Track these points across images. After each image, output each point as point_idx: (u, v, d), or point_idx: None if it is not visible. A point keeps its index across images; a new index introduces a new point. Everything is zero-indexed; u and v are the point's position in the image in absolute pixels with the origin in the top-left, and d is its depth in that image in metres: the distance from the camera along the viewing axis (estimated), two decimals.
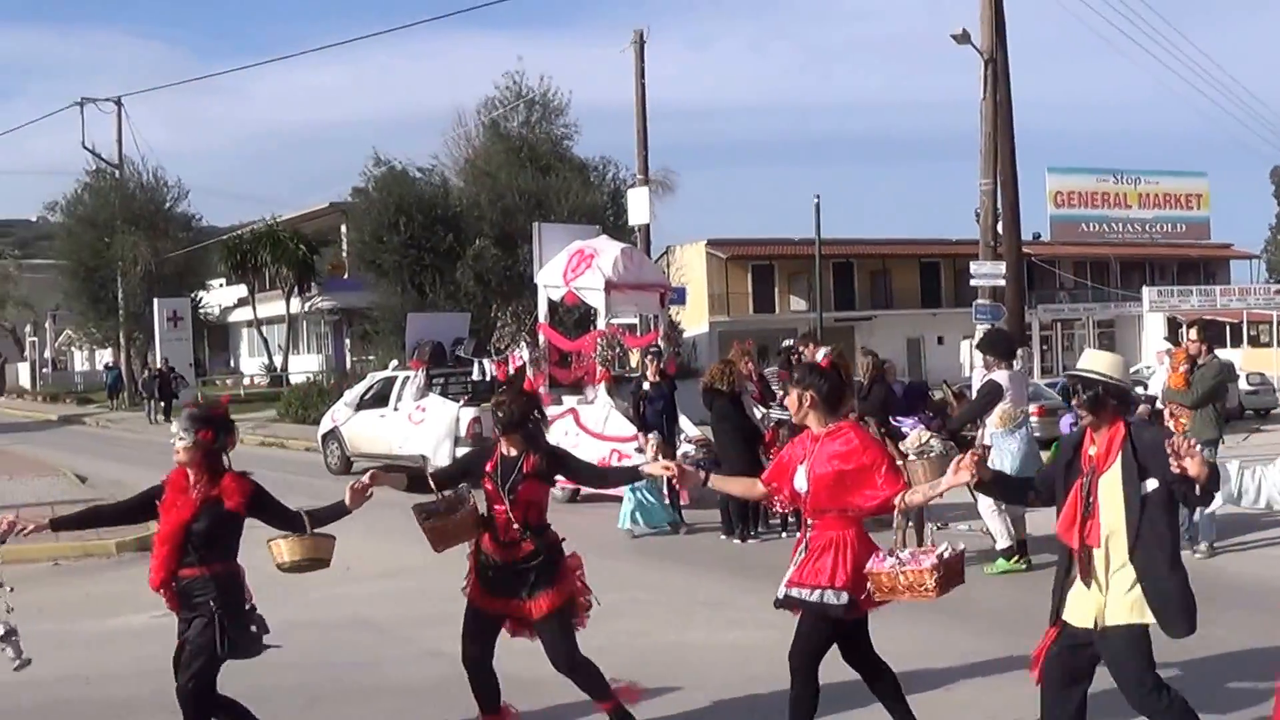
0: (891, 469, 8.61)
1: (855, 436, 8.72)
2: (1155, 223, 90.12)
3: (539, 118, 55.31)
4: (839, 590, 8.55)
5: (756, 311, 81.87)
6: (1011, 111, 31.91)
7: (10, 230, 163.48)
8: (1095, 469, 7.98)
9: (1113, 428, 8.00)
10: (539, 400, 9.99)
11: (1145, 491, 7.80)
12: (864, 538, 8.67)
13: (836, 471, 8.57)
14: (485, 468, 9.52)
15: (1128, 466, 7.87)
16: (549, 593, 9.38)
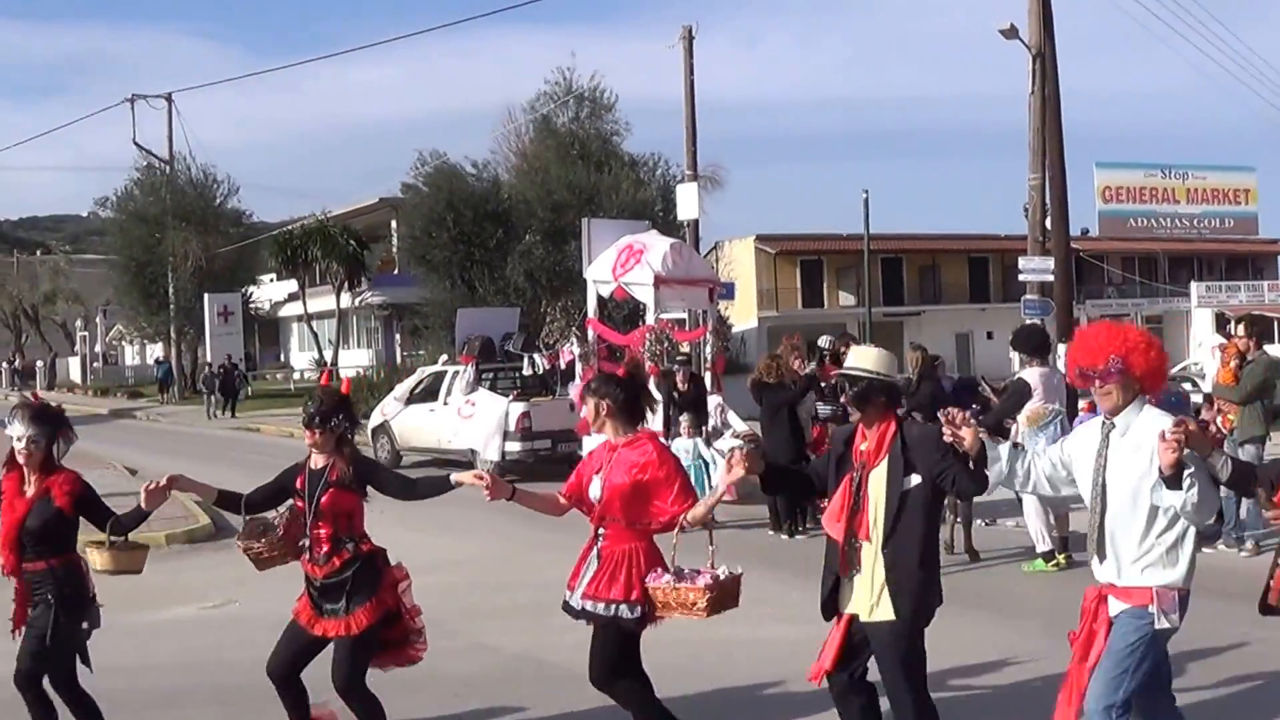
0: (684, 486, 8.63)
1: (653, 448, 8.76)
2: (1203, 218, 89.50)
3: (588, 114, 55.36)
4: (633, 604, 8.64)
5: (805, 306, 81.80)
6: (1060, 106, 31.77)
7: (61, 225, 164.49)
8: (865, 464, 8.09)
9: (883, 424, 8.11)
10: (349, 405, 9.79)
11: (907, 487, 7.93)
12: (653, 550, 8.74)
13: (633, 482, 8.61)
14: (296, 484, 9.39)
15: (894, 462, 7.99)
16: (361, 610, 9.17)
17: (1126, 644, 7.35)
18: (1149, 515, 7.34)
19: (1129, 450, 7.39)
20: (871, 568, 8.07)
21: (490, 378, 30.68)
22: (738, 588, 8.74)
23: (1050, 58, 31.27)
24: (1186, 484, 6.99)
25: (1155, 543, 7.36)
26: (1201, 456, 7.13)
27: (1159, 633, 7.36)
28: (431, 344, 52.89)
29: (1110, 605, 7.49)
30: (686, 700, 10.57)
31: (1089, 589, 7.68)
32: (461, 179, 52.82)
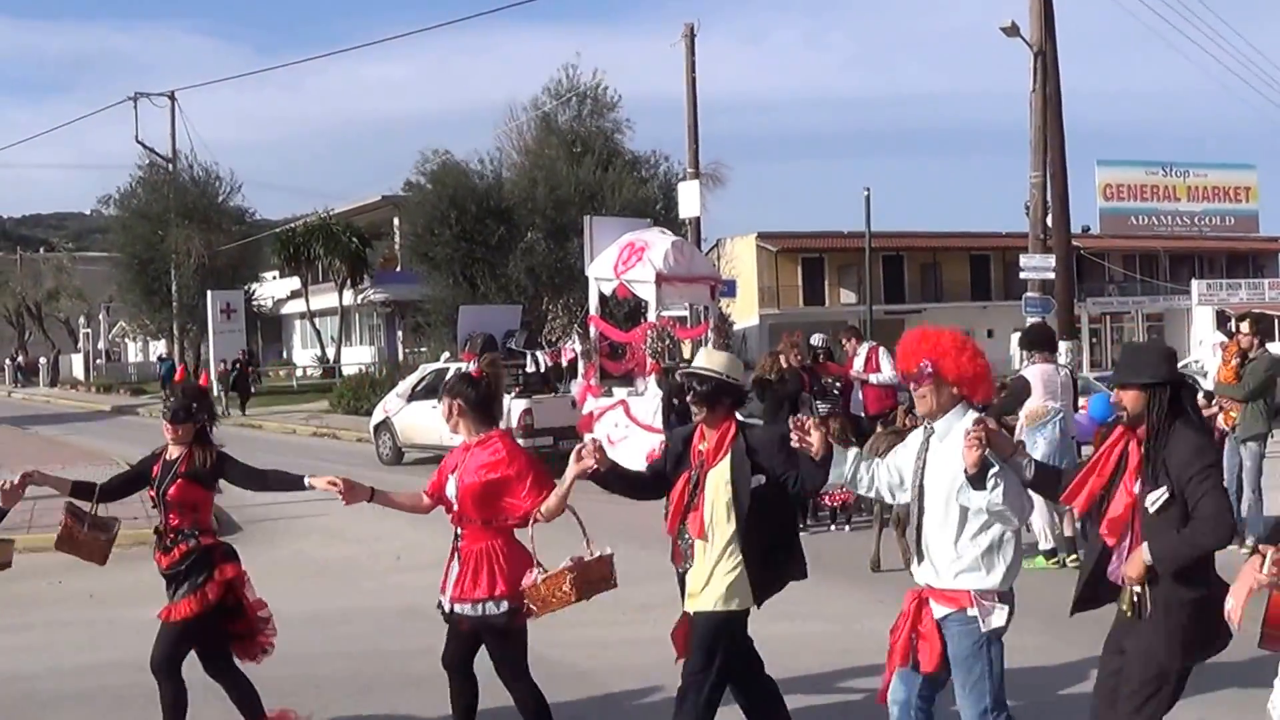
0: (537, 481, 8.66)
1: (503, 447, 8.79)
2: (1204, 216, 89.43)
3: (590, 111, 55.39)
4: (499, 599, 8.64)
5: (806, 304, 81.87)
6: (1061, 104, 31.81)
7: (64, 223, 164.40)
8: (704, 464, 8.25)
9: (724, 425, 8.29)
10: (208, 398, 10.00)
11: (754, 486, 8.12)
12: (513, 546, 8.77)
13: (484, 481, 8.65)
14: (152, 473, 9.62)
15: (738, 463, 8.16)
16: (184, 600, 9.41)
17: (967, 651, 7.53)
18: (960, 519, 7.50)
19: (947, 454, 7.51)
20: (704, 563, 8.29)
21: None
22: (606, 568, 8.70)
23: (1051, 55, 31.32)
24: (990, 484, 7.17)
25: (970, 545, 7.51)
26: (1003, 457, 7.31)
27: (991, 632, 7.51)
28: (434, 341, 52.96)
29: (933, 608, 7.67)
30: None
31: (910, 591, 7.87)
32: (464, 176, 52.84)
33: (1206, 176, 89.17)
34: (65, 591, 16.04)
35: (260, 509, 22.10)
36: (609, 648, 12.26)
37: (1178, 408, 7.11)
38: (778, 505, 8.37)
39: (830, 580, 15.87)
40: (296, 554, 17.36)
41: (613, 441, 24.44)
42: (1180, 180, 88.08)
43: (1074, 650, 11.11)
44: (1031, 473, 7.47)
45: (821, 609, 14.24)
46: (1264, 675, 6.99)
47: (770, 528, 8.31)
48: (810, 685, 10.84)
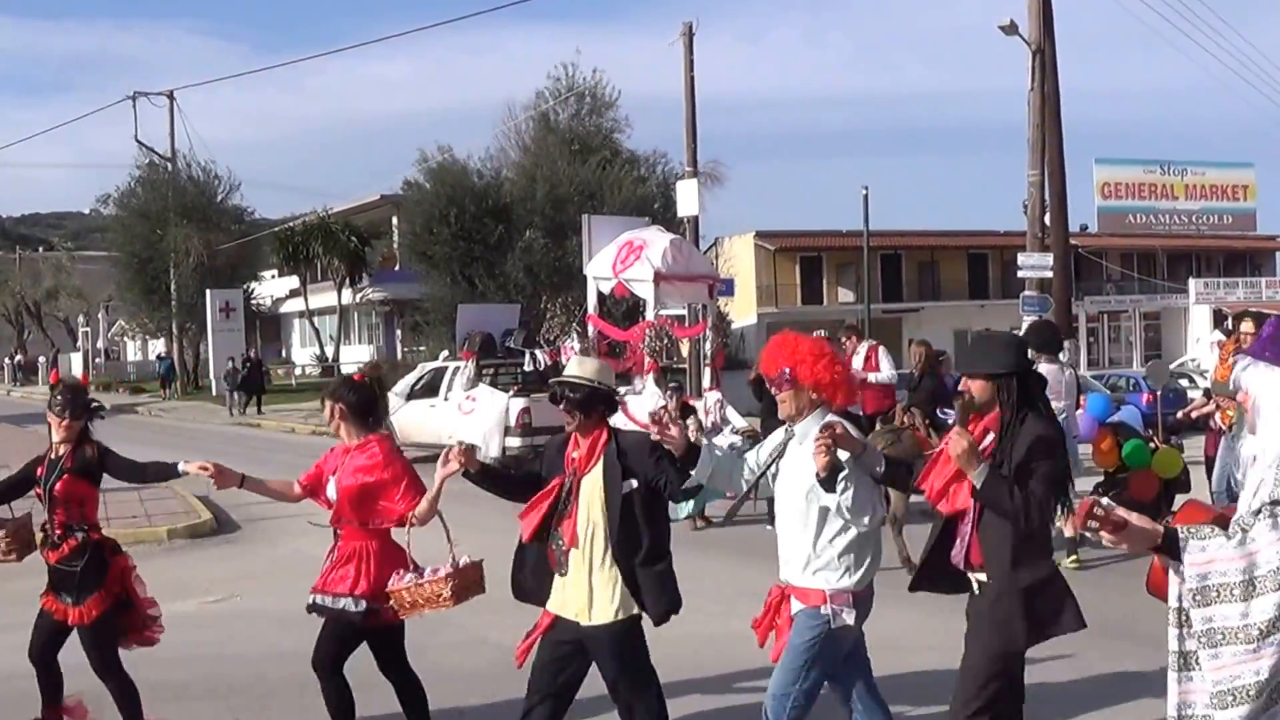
0: (411, 485, 8.90)
1: (379, 451, 9.03)
2: (1202, 214, 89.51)
3: (589, 110, 55.41)
4: (358, 598, 8.85)
5: (804, 303, 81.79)
6: (1059, 102, 31.85)
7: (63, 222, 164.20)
8: (578, 470, 8.32)
9: (597, 431, 8.36)
10: (86, 392, 10.12)
11: (626, 491, 8.19)
12: (388, 548, 8.99)
13: (360, 485, 8.88)
14: (37, 473, 9.72)
15: (610, 468, 8.24)
16: (90, 600, 9.52)
17: (803, 641, 7.79)
18: (819, 519, 7.70)
19: (804, 456, 7.65)
20: (581, 573, 8.36)
21: (491, 374, 30.77)
22: (479, 574, 9.06)
23: (1050, 54, 31.38)
24: (840, 486, 7.39)
25: (827, 546, 7.73)
26: (853, 457, 7.47)
27: (838, 631, 7.78)
28: (432, 340, 53.01)
29: (791, 604, 7.92)
30: (690, 696, 10.67)
31: (774, 586, 8.14)
32: (463, 175, 52.87)
33: (1204, 175, 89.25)
34: None
35: (259, 508, 22.12)
36: None
37: (1028, 397, 7.37)
38: (653, 509, 8.42)
39: None
40: (295, 552, 17.38)
41: None
42: (1178, 179, 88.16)
43: (1073, 646, 11.14)
44: (883, 470, 7.68)
45: None
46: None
47: (648, 531, 8.36)
48: None
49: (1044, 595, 7.34)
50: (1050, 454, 7.29)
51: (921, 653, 11.51)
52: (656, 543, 8.36)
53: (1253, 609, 5.17)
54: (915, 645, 11.85)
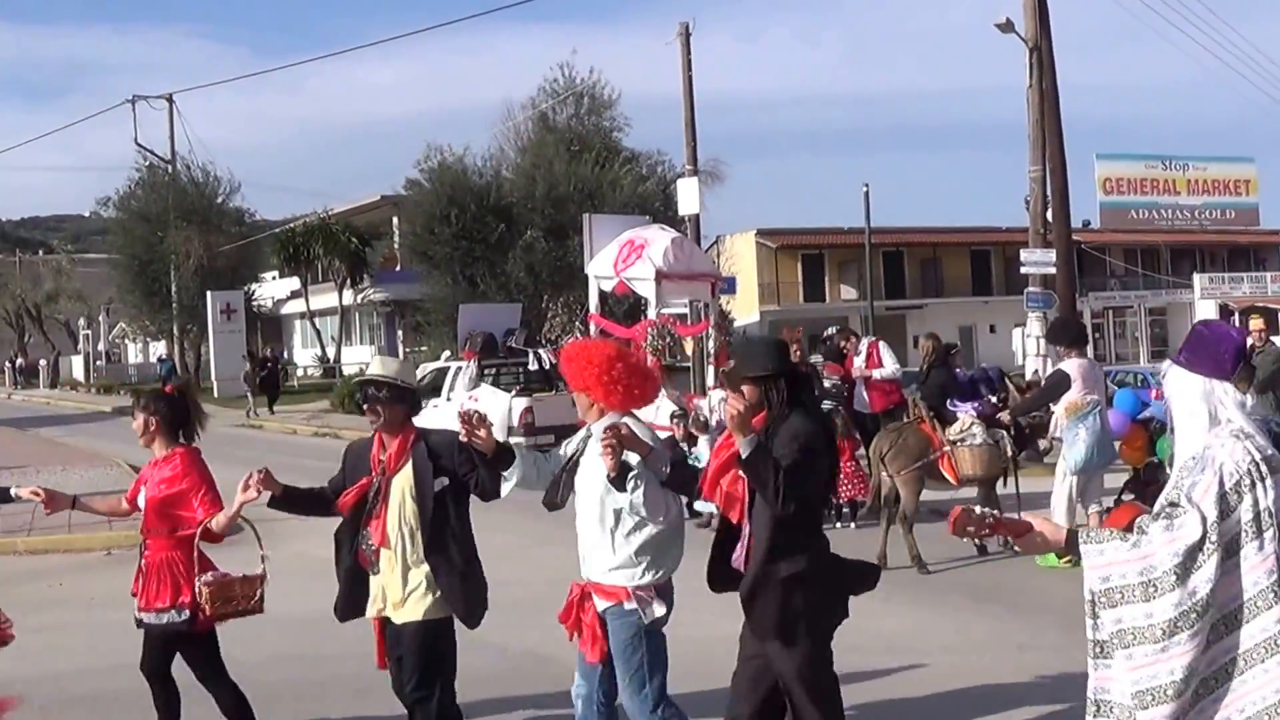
0: (208, 494, 8.99)
1: (180, 463, 9.09)
2: (1204, 209, 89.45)
3: (588, 110, 55.36)
4: (181, 608, 8.93)
5: (807, 300, 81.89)
6: (1058, 98, 31.77)
7: (63, 225, 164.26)
8: (386, 471, 8.43)
9: (403, 430, 8.49)
10: None
11: (439, 489, 8.33)
12: (192, 557, 8.98)
13: (163, 496, 8.96)
14: None
15: (420, 467, 8.36)
16: None
17: (626, 642, 7.93)
18: (615, 518, 7.86)
19: (598, 457, 7.74)
20: (395, 572, 8.45)
21: (493, 373, 30.71)
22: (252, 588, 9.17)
23: (1047, 51, 31.31)
24: (631, 485, 7.58)
25: (626, 543, 7.89)
26: (642, 458, 7.63)
27: (651, 624, 7.95)
28: (434, 340, 52.91)
29: (595, 600, 8.06)
30: (699, 696, 10.56)
31: (574, 584, 8.25)
32: (463, 175, 52.79)
33: (1206, 170, 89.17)
34: (65, 594, 16.01)
35: (261, 509, 22.02)
36: None
37: (796, 396, 7.52)
38: (462, 508, 8.54)
39: None
40: (298, 555, 17.27)
41: None
42: (1180, 174, 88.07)
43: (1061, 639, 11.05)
44: (669, 471, 7.80)
45: None
46: None
47: (458, 530, 8.48)
48: None
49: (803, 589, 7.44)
50: (810, 447, 7.37)
51: (933, 654, 11.42)
52: (465, 542, 8.50)
53: (1155, 610, 5.37)
54: (927, 646, 11.75)
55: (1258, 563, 5.35)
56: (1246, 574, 5.35)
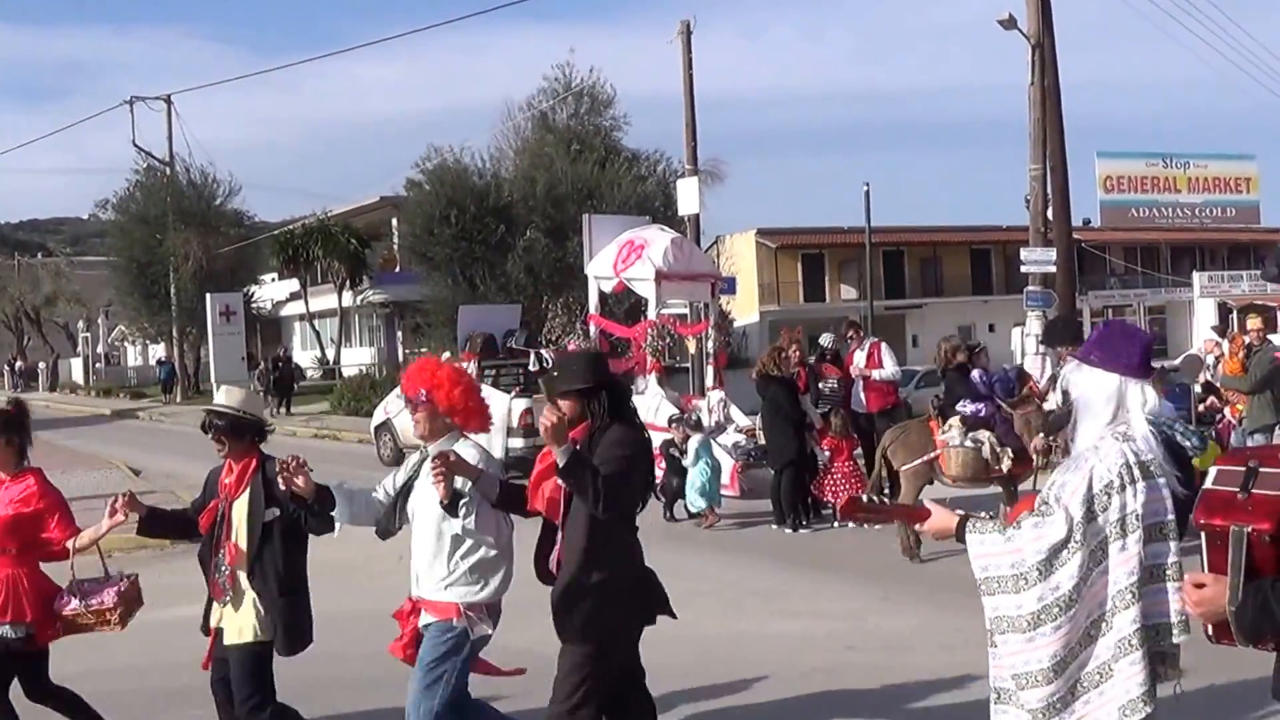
0: (64, 516, 9.17)
1: (34, 484, 9.23)
2: (1205, 207, 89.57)
3: (588, 109, 55.36)
4: (17, 624, 9.01)
5: (807, 300, 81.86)
6: (1060, 96, 31.75)
7: (62, 228, 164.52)
8: (229, 496, 8.67)
9: (246, 458, 8.76)
10: None
11: (269, 519, 8.55)
12: (36, 575, 9.17)
13: (14, 515, 9.05)
14: None
15: (255, 495, 8.59)
16: None
17: (435, 655, 8.17)
18: (450, 539, 8.11)
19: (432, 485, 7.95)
20: (235, 594, 8.64)
21: (492, 374, 30.66)
22: (137, 590, 9.40)
23: (1049, 48, 31.26)
24: (463, 511, 7.93)
25: (461, 562, 8.16)
26: (473, 482, 7.91)
27: (474, 641, 8.25)
28: (433, 341, 52.85)
29: (422, 616, 8.33)
30: (697, 695, 10.58)
31: (407, 600, 8.53)
32: (463, 175, 52.77)
33: (1207, 168, 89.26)
34: None
35: None
36: None
37: (616, 407, 7.80)
38: (291, 539, 8.72)
39: (835, 578, 15.84)
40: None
41: None
42: (1181, 172, 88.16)
43: None
44: (498, 494, 8.10)
45: (827, 607, 14.19)
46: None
47: (284, 561, 8.66)
48: (815, 683, 10.78)
49: (611, 596, 7.77)
50: (629, 455, 7.63)
51: (931, 652, 11.40)
52: (291, 573, 8.69)
53: (1023, 602, 5.58)
54: (925, 645, 11.75)
55: (1120, 563, 5.53)
56: (1110, 574, 5.55)
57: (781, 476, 19.83)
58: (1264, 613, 4.47)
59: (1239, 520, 4.57)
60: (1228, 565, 4.57)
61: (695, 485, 20.60)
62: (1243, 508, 4.60)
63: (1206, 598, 4.62)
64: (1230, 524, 4.58)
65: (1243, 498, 4.63)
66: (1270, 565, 4.53)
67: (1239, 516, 4.58)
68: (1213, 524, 4.66)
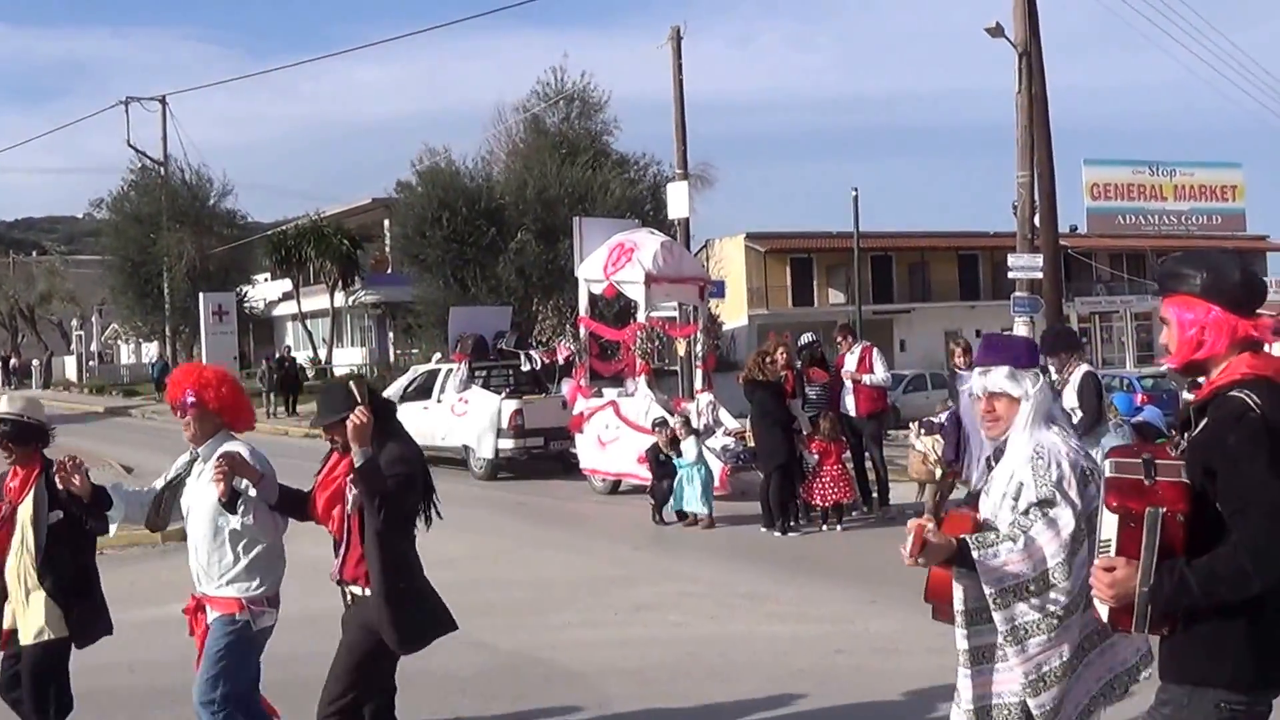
0: None
1: None
2: (1191, 214, 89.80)
3: (579, 113, 55.48)
4: None
5: (795, 305, 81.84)
6: (1047, 103, 31.83)
7: (57, 227, 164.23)
8: (14, 500, 8.84)
9: (31, 463, 8.89)
10: None
11: (53, 521, 8.74)
12: None
13: None
14: None
15: (39, 499, 8.74)
16: None
17: (221, 646, 8.31)
18: (229, 536, 8.32)
19: (209, 478, 8.19)
20: (19, 594, 8.85)
21: (483, 376, 30.83)
22: None
23: (1036, 56, 31.36)
24: (241, 509, 8.05)
25: (239, 559, 8.35)
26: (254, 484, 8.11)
27: (258, 632, 8.45)
28: (425, 342, 52.95)
29: (207, 612, 8.46)
30: (686, 696, 10.72)
31: (191, 597, 8.62)
32: (454, 178, 52.85)
33: (1193, 175, 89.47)
34: None
35: None
36: (602, 648, 12.32)
37: (385, 428, 8.00)
38: (79, 540, 8.95)
39: (823, 581, 15.97)
40: (288, 554, 17.45)
41: (603, 442, 24.57)
42: (1167, 179, 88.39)
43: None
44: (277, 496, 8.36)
45: (815, 610, 14.32)
46: None
47: (73, 563, 8.91)
48: (802, 686, 10.91)
49: (413, 604, 8.09)
50: (408, 472, 7.94)
51: (918, 655, 11.56)
52: (79, 571, 8.93)
53: (1046, 602, 5.70)
54: (912, 648, 11.91)
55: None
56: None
57: (770, 479, 19.99)
58: (1181, 588, 4.66)
59: (1154, 503, 4.76)
60: (1139, 548, 4.76)
61: (696, 487, 20.80)
62: (1153, 493, 4.79)
63: (1118, 579, 4.78)
64: (1146, 506, 4.76)
65: (1150, 484, 4.81)
66: (1179, 547, 4.72)
67: (1154, 500, 4.77)
68: (1128, 506, 4.81)
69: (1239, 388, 4.74)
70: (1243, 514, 4.62)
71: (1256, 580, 4.59)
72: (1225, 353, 4.89)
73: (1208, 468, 4.74)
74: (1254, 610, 4.71)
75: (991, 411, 6.18)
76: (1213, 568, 4.64)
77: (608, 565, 17.24)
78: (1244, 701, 4.82)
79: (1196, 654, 4.85)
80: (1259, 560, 4.57)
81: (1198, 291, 4.97)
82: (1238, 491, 4.65)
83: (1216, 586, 4.64)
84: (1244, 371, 4.80)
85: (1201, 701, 4.83)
